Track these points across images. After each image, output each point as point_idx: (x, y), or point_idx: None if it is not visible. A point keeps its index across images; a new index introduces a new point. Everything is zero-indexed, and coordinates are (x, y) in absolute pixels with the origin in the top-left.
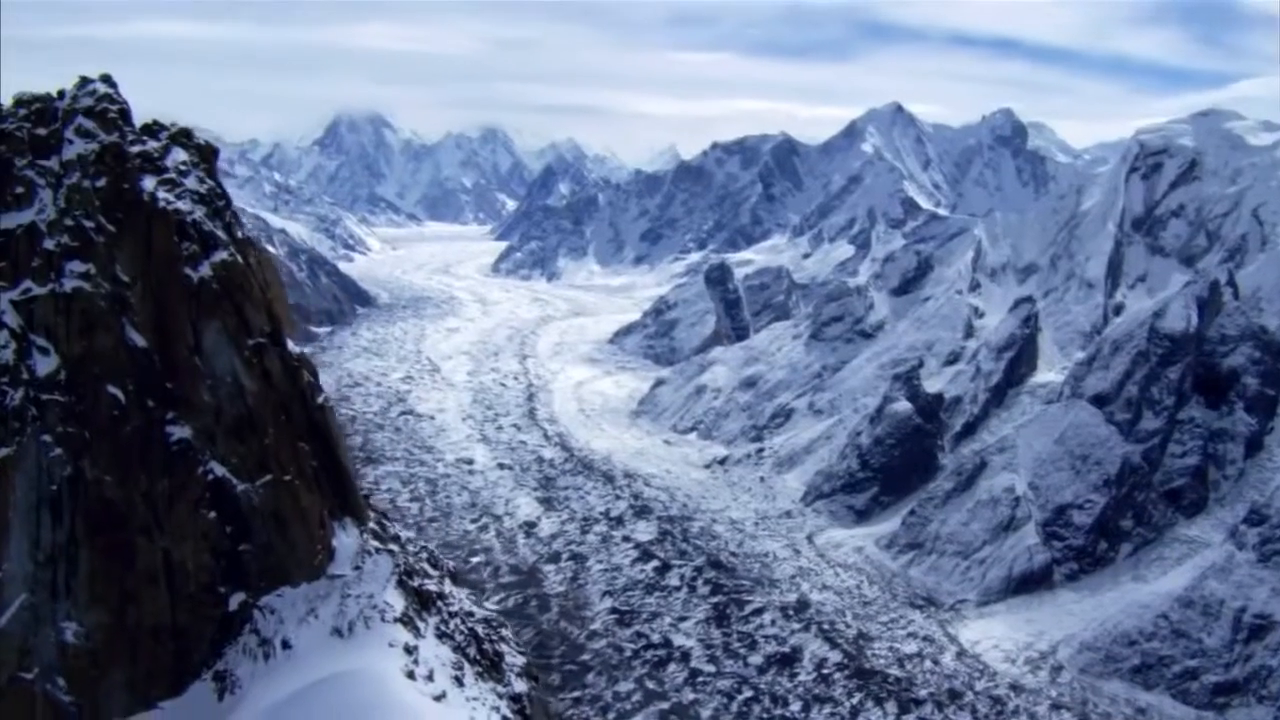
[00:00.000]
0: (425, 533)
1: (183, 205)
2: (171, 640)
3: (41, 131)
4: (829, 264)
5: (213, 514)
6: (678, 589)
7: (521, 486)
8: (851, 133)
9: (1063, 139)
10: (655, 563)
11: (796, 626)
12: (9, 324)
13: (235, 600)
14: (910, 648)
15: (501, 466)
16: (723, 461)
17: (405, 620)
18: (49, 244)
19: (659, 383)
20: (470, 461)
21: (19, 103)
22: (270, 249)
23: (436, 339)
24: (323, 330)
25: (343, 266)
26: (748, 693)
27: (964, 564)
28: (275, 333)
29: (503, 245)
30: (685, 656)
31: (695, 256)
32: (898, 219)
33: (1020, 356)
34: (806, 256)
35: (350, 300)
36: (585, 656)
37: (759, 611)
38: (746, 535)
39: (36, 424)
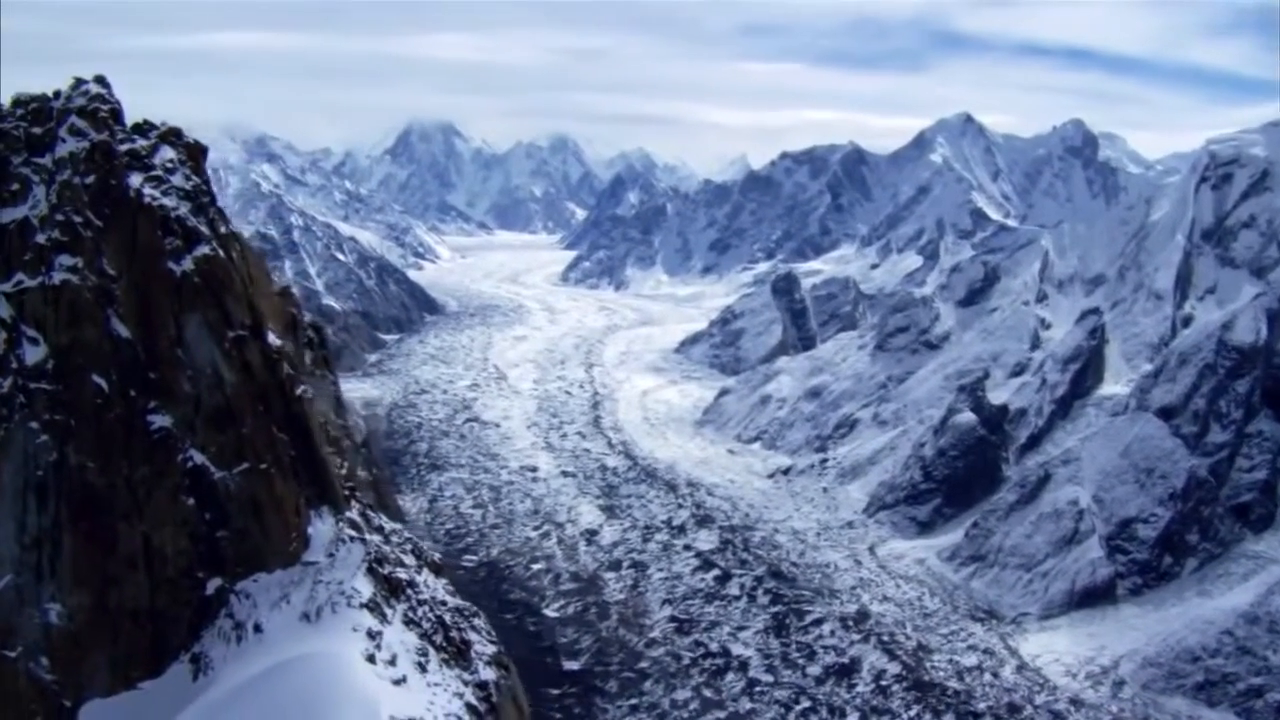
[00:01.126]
0: (487, 539)
1: (168, 201)
2: (150, 623)
3: (37, 130)
4: (897, 274)
5: (191, 501)
6: (737, 598)
7: (584, 494)
8: (920, 143)
9: (1134, 149)
10: (716, 572)
11: (856, 637)
12: (1, 315)
13: (212, 585)
14: (970, 660)
15: (565, 474)
16: (786, 471)
17: (371, 606)
18: (40, 238)
19: (724, 392)
20: (534, 469)
21: (17, 103)
22: (339, 257)
23: (503, 347)
24: (390, 337)
25: (412, 274)
26: (805, 703)
27: (1026, 577)
28: (256, 326)
29: (571, 254)
30: (743, 666)
31: (763, 266)
32: (966, 230)
33: (1086, 368)
34: (874, 267)
35: (419, 308)
36: (643, 664)
37: (818, 622)
38: (808, 545)
39: (24, 411)
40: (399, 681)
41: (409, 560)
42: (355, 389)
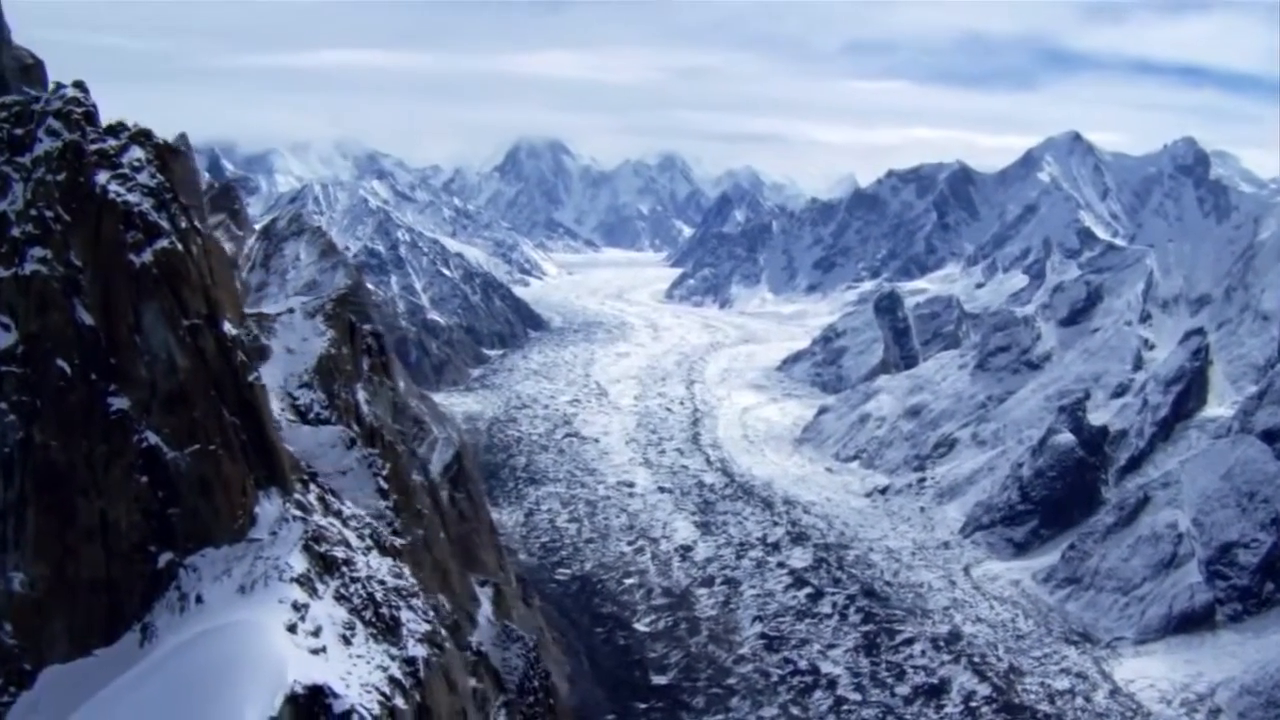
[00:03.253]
0: (581, 553)
1: (131, 197)
2: (106, 593)
3: (19, 131)
4: (1002, 294)
5: (145, 478)
6: (829, 616)
7: (680, 510)
8: (1028, 161)
9: (1248, 168)
10: (808, 589)
11: (947, 658)
12: None
13: (163, 558)
14: (1062, 684)
15: (661, 490)
16: (883, 490)
17: (302, 581)
18: (15, 231)
19: (823, 410)
20: (631, 484)
21: (1, 106)
22: (445, 273)
23: (606, 363)
24: (494, 352)
25: (518, 291)
26: None
27: (1123, 600)
28: (212, 315)
29: (676, 272)
30: (832, 684)
31: (868, 285)
32: (1074, 249)
33: (1189, 390)
34: (980, 286)
35: (523, 324)
36: (731, 680)
37: (909, 641)
38: (902, 565)
39: None
40: (317, 651)
41: (356, 541)
42: (457, 403)
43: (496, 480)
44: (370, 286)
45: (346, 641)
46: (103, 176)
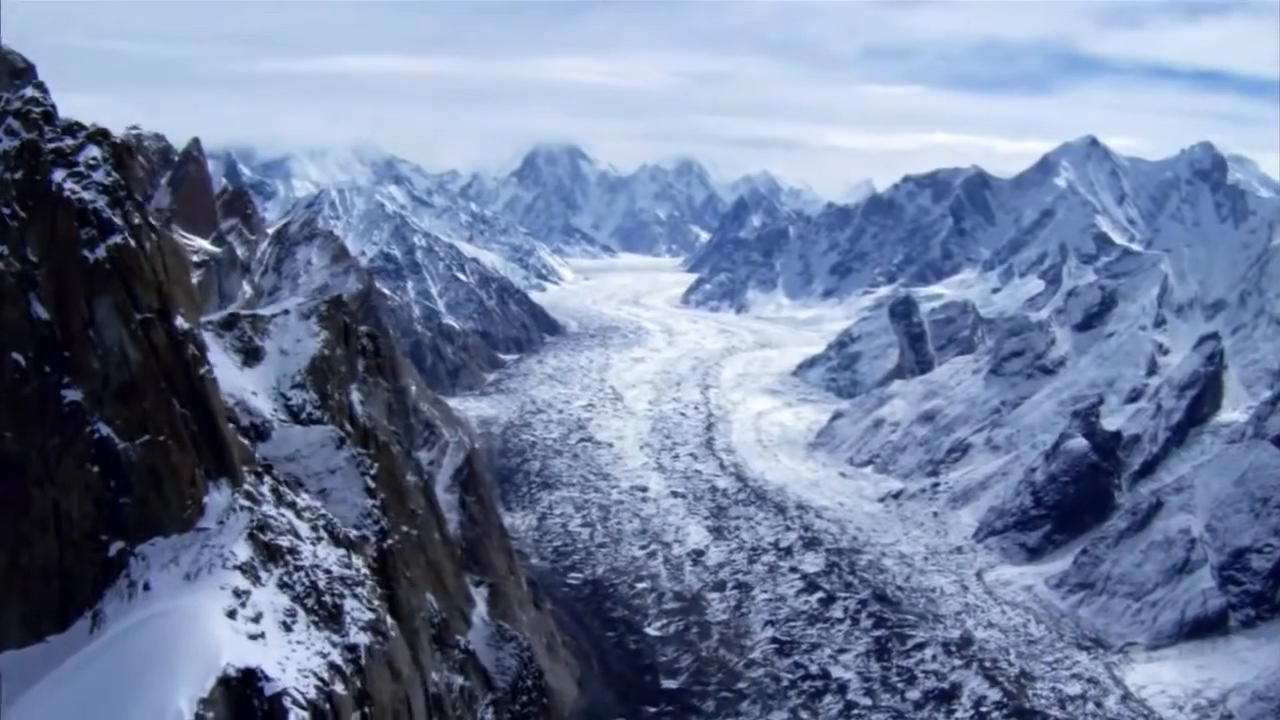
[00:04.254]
0: (594, 557)
1: (86, 195)
2: (58, 581)
3: None
4: (1018, 299)
5: (96, 469)
6: (840, 621)
7: (693, 515)
8: (1044, 166)
9: (1265, 173)
10: (820, 594)
11: (958, 663)
12: None
13: (114, 547)
14: (1073, 689)
15: (675, 495)
16: (897, 495)
17: (245, 569)
18: None
19: (837, 415)
20: (644, 489)
21: None
22: (461, 277)
23: (621, 368)
24: (510, 357)
25: (534, 296)
26: None
27: (1135, 606)
28: (164, 309)
29: (693, 277)
30: (842, 689)
31: (884, 290)
32: (1090, 254)
33: (1203, 395)
34: (996, 291)
35: (539, 328)
36: (742, 685)
37: (921, 646)
38: (915, 570)
39: None
40: (256, 637)
41: (306, 532)
42: (472, 407)
43: (510, 484)
44: (386, 291)
45: (287, 628)
46: (59, 175)
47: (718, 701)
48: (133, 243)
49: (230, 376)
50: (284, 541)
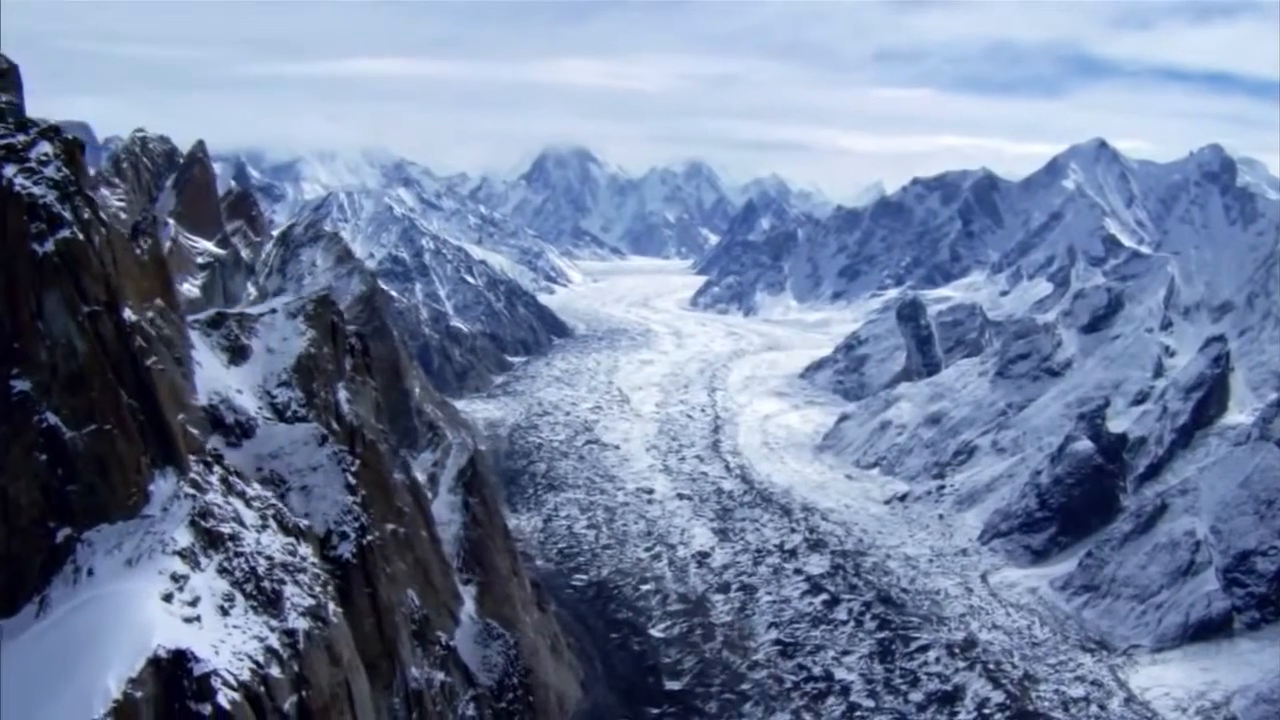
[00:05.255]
0: (598, 559)
1: (37, 190)
2: (6, 567)
3: None
4: (1026, 302)
5: (44, 457)
6: (844, 623)
7: (699, 517)
8: (1053, 169)
9: (1275, 175)
10: (824, 596)
11: (961, 665)
12: None
13: (61, 534)
14: (1077, 691)
15: (680, 497)
16: (903, 498)
17: (185, 554)
18: None
19: (844, 417)
20: (650, 491)
21: None
22: (469, 280)
23: (629, 370)
24: (518, 359)
25: (543, 298)
26: None
27: (1140, 608)
28: (112, 302)
29: (702, 280)
30: (845, 690)
31: (892, 293)
32: (1098, 257)
33: (1209, 397)
34: (1004, 294)
35: (547, 331)
36: (745, 686)
37: (924, 648)
38: (919, 572)
39: None
40: (191, 620)
41: (253, 519)
42: (479, 409)
43: (516, 486)
44: (393, 293)
45: (224, 612)
46: (10, 170)
47: (720, 703)
48: (81, 237)
49: (216, 374)
50: (226, 528)
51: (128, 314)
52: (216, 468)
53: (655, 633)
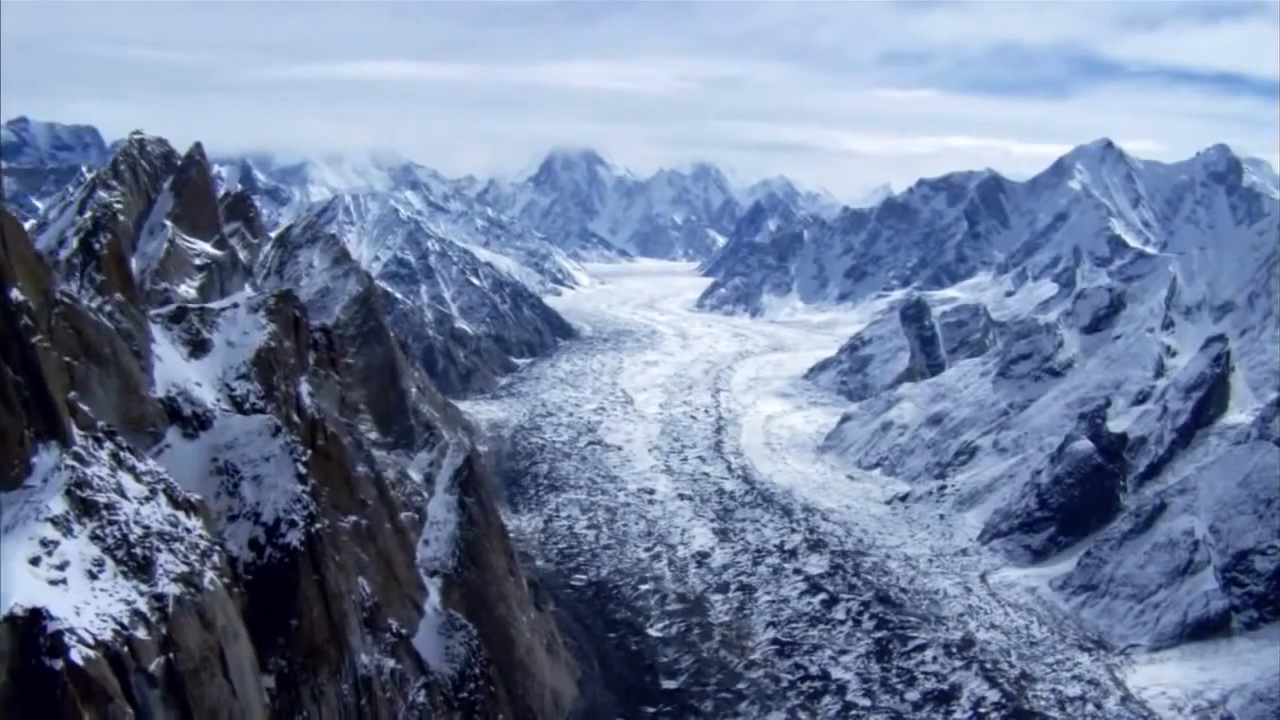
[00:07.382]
0: (598, 559)
1: None
2: None
3: None
4: (1031, 302)
5: None
6: (842, 622)
7: (699, 517)
8: (1059, 170)
9: None
10: (823, 596)
11: (958, 664)
12: None
13: None
14: (1074, 690)
15: (682, 497)
16: (904, 498)
17: (57, 521)
18: None
19: (846, 418)
20: (651, 491)
21: None
22: (474, 282)
23: (633, 372)
24: (522, 361)
25: (549, 300)
26: None
27: (1138, 607)
28: None
29: (709, 281)
30: (841, 689)
31: (898, 294)
32: (1104, 257)
33: (1210, 396)
34: (1010, 295)
35: (552, 332)
36: (741, 685)
37: (922, 648)
38: (919, 572)
39: None
40: (57, 583)
41: (137, 491)
42: (483, 410)
43: (518, 487)
44: (399, 296)
45: (93, 576)
46: None
47: (716, 702)
48: None
49: (176, 367)
50: (103, 498)
51: (15, 294)
52: (108, 443)
53: (653, 632)
